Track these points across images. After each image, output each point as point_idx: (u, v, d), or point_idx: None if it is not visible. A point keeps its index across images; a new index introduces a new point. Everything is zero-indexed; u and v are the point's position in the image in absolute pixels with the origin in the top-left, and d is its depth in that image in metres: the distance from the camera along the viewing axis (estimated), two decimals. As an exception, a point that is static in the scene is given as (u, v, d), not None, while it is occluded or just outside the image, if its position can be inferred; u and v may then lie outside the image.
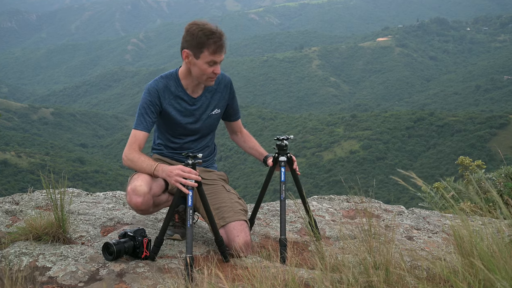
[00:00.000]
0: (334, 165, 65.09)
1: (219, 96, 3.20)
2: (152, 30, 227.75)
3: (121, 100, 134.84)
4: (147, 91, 3.05)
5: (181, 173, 2.76)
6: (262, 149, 3.36)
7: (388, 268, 2.14)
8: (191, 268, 2.59)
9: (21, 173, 58.08)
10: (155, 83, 3.07)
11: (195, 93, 3.13)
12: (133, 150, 2.98)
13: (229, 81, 3.25)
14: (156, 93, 3.04)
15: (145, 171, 2.93)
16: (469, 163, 5.50)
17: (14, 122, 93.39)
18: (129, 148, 2.99)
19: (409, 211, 4.12)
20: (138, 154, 2.97)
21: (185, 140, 3.20)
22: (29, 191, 4.03)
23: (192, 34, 2.90)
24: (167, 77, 3.10)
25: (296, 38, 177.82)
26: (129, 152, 2.98)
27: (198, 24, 2.92)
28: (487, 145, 61.95)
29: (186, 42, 2.94)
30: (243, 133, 3.44)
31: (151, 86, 3.06)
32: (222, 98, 3.22)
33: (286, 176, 3.02)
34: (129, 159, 2.97)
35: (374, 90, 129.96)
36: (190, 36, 2.91)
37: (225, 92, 3.22)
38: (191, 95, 3.12)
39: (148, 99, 3.03)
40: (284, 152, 3.03)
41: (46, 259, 2.75)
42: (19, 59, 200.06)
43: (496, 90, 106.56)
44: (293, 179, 3.15)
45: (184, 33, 2.95)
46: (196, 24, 2.92)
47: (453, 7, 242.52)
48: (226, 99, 3.24)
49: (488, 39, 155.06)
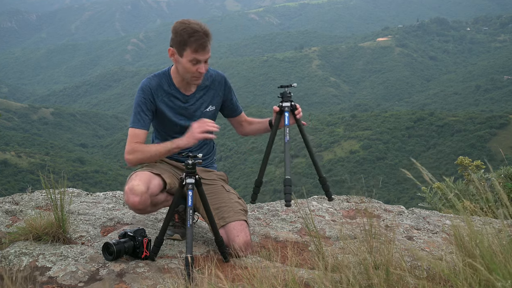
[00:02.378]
0: (334, 165, 65.10)
1: (212, 93, 3.20)
2: (152, 30, 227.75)
3: (121, 100, 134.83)
4: (141, 89, 3.06)
5: (201, 125, 2.88)
6: (263, 119, 3.38)
7: (388, 268, 2.14)
8: (191, 268, 2.59)
9: (21, 173, 58.09)
10: (148, 81, 3.08)
11: (187, 91, 3.13)
12: (135, 144, 2.97)
13: (223, 77, 3.25)
14: (149, 91, 3.04)
15: (161, 152, 2.97)
16: (468, 163, 5.50)
17: (14, 122, 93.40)
18: (130, 144, 2.98)
19: (409, 211, 4.12)
20: (141, 144, 2.97)
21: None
22: (29, 191, 4.03)
23: (176, 32, 2.92)
24: (159, 75, 3.11)
25: (296, 38, 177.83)
26: (131, 146, 2.97)
27: (184, 22, 2.93)
28: (487, 145, 61.94)
29: (171, 40, 2.97)
30: (248, 120, 3.45)
31: (144, 84, 3.07)
32: (216, 95, 3.22)
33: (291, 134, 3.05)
34: (135, 150, 2.95)
35: (374, 90, 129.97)
36: (174, 34, 2.93)
37: (219, 89, 3.22)
38: (183, 92, 3.12)
39: (142, 97, 3.03)
40: (288, 98, 3.07)
41: (46, 259, 2.75)
42: (19, 59, 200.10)
43: (496, 90, 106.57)
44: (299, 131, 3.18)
45: (171, 31, 2.97)
46: (182, 22, 2.94)
47: (453, 7, 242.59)
48: (221, 95, 3.24)
49: (488, 39, 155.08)
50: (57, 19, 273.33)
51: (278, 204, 4.19)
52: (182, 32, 2.89)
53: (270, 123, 3.26)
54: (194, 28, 2.89)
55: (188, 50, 2.90)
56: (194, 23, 2.92)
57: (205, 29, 2.92)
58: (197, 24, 2.91)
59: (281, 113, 3.09)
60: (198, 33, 2.88)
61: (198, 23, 2.93)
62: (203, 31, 2.90)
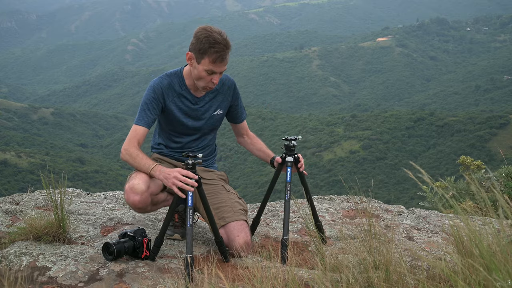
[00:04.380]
0: (334, 165, 65.09)
1: (221, 98, 3.21)
2: (152, 30, 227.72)
3: (121, 100, 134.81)
4: (152, 87, 3.06)
5: (179, 176, 2.73)
6: (269, 151, 3.35)
7: (388, 268, 2.14)
8: (191, 268, 2.59)
9: (21, 173, 58.08)
10: (160, 80, 3.08)
11: (198, 93, 3.14)
12: (133, 145, 2.97)
13: (232, 83, 3.26)
14: (160, 90, 3.05)
15: (141, 169, 2.92)
16: (470, 162, 5.51)
17: (14, 122, 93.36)
18: (129, 142, 2.98)
19: (409, 211, 4.12)
20: (137, 150, 2.96)
21: (187, 140, 3.21)
22: (29, 191, 4.03)
23: (198, 39, 2.89)
24: (172, 75, 3.11)
25: (296, 38, 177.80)
26: (128, 146, 2.97)
27: (207, 30, 2.90)
28: (487, 145, 61.92)
29: (191, 45, 2.95)
30: (249, 135, 3.44)
31: (155, 83, 3.07)
32: (224, 99, 3.23)
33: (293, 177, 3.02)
34: (128, 153, 2.96)
35: (374, 90, 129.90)
36: (195, 40, 2.91)
37: (228, 94, 3.23)
38: (194, 94, 3.12)
39: (151, 96, 3.04)
40: (291, 152, 3.04)
41: (46, 259, 2.75)
42: (19, 59, 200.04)
43: (496, 90, 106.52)
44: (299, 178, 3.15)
45: (193, 36, 2.96)
46: (205, 29, 2.91)
47: (453, 7, 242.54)
48: (229, 100, 3.25)
49: (488, 39, 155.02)
50: (57, 19, 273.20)
51: (278, 204, 4.19)
52: (204, 40, 2.86)
53: (272, 162, 3.22)
54: (216, 38, 2.86)
55: (206, 59, 2.89)
56: (217, 33, 2.89)
57: (227, 41, 2.89)
58: (220, 34, 2.89)
59: (283, 163, 3.07)
60: (219, 45, 2.86)
61: (221, 32, 2.90)
62: (224, 43, 2.88)
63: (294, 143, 3.04)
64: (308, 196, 3.09)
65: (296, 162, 3.06)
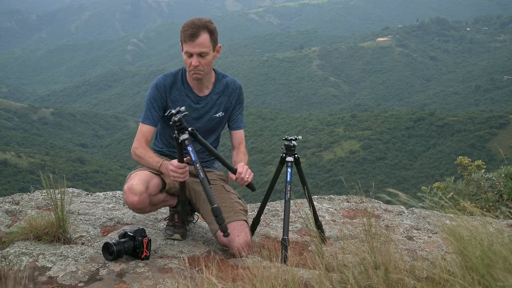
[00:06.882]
0: (334, 165, 65.09)
1: (224, 99, 3.19)
2: (152, 30, 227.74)
3: (121, 100, 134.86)
4: (155, 86, 3.08)
5: (174, 169, 2.83)
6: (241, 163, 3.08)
7: (388, 268, 2.14)
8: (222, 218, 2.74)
9: (21, 173, 58.10)
10: (164, 79, 3.10)
11: (201, 92, 3.13)
12: (140, 145, 3.05)
13: (238, 86, 3.24)
14: (163, 88, 3.07)
15: (152, 166, 3.00)
16: (468, 163, 5.50)
17: (14, 122, 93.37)
18: (137, 143, 3.06)
19: (409, 211, 4.12)
20: (144, 150, 3.03)
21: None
22: (31, 191, 4.03)
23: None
24: (175, 74, 3.12)
25: (296, 38, 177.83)
26: (136, 147, 3.06)
27: (189, 19, 2.98)
28: (487, 145, 61.92)
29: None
30: (240, 150, 3.26)
31: (159, 81, 3.09)
32: (227, 101, 3.20)
33: (293, 177, 3.01)
34: (136, 154, 3.06)
35: (374, 90, 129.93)
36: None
37: (232, 96, 3.21)
38: (196, 93, 3.12)
39: (155, 94, 3.06)
40: (291, 152, 3.03)
41: (46, 259, 2.75)
42: (19, 59, 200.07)
43: (496, 90, 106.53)
44: (300, 180, 3.14)
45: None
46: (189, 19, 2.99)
47: (453, 7, 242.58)
48: (232, 103, 3.22)
49: (488, 39, 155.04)
50: (57, 19, 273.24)
51: (278, 204, 4.19)
52: (182, 27, 2.94)
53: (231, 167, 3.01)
54: (189, 21, 2.93)
55: (182, 42, 2.95)
56: (195, 19, 2.94)
57: (201, 21, 2.91)
58: (197, 19, 2.93)
59: (283, 163, 3.06)
60: (191, 24, 2.90)
61: (200, 18, 2.94)
62: (198, 22, 2.90)
63: (294, 143, 3.04)
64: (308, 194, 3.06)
65: (297, 163, 3.06)
